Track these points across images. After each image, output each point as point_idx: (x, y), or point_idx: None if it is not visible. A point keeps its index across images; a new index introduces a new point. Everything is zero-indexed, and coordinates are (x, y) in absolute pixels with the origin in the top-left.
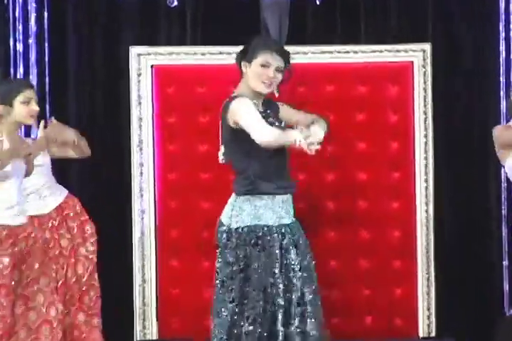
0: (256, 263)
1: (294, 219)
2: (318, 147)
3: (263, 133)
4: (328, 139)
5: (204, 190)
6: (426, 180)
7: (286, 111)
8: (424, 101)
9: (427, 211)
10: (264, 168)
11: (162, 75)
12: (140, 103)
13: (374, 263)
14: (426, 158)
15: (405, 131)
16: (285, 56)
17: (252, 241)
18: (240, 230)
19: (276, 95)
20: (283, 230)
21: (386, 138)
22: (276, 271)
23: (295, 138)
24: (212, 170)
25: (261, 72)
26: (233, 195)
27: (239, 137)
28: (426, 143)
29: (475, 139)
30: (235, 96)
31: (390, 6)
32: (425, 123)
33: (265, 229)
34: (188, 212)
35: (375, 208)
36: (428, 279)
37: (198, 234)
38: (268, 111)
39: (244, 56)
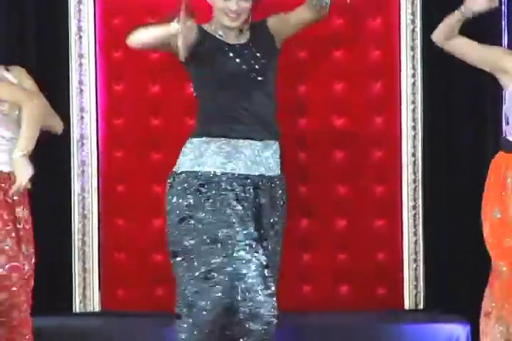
0: (201, 213)
1: (270, 174)
2: None
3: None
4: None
5: (155, 140)
6: (414, 127)
7: (277, 21)
8: (412, 34)
9: (414, 162)
10: (219, 107)
11: (107, 3)
12: (80, 37)
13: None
14: (414, 102)
15: (389, 69)
16: None
17: (193, 188)
18: (183, 175)
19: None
20: (245, 181)
21: (367, 78)
22: (234, 220)
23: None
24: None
25: (223, 6)
26: None
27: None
28: (414, 84)
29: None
30: None
31: None
32: (413, 60)
33: (210, 175)
34: (136, 166)
35: (356, 158)
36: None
37: (147, 189)
38: (250, 44)
39: None
